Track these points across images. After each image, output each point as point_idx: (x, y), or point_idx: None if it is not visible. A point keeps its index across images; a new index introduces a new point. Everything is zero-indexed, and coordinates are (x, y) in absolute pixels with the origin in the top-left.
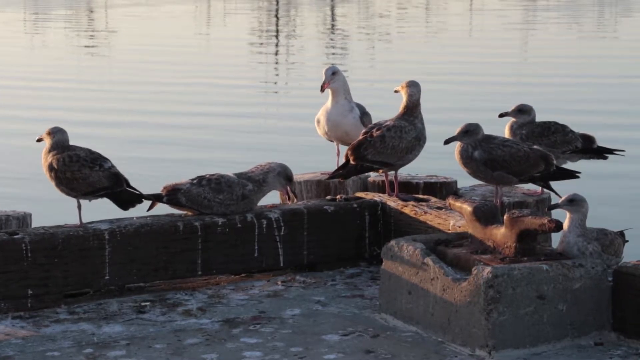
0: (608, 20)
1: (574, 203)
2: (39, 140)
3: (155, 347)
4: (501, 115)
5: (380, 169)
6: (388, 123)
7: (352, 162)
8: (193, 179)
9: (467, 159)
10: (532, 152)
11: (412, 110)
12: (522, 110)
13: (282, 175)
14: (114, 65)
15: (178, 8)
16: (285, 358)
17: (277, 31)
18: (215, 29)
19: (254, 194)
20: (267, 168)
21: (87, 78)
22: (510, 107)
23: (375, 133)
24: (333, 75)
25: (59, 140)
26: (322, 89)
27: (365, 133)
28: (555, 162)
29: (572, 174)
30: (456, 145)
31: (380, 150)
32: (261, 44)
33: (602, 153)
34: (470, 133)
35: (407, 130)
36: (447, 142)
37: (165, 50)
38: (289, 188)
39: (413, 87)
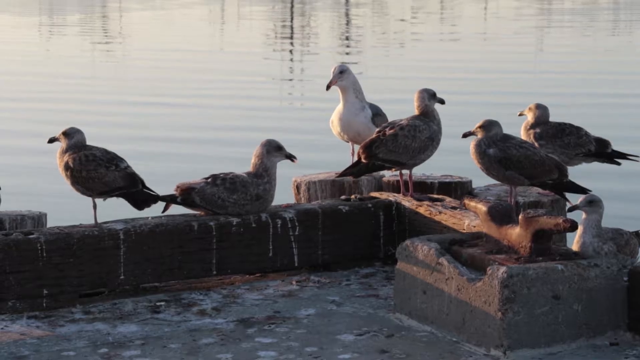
0: (624, 25)
1: (593, 204)
2: (52, 140)
3: (170, 346)
4: (520, 114)
5: (392, 167)
6: (402, 122)
7: (363, 160)
8: (207, 178)
9: (481, 155)
10: (548, 159)
11: (425, 115)
12: (537, 110)
13: (273, 151)
14: (129, 70)
15: (192, 12)
16: (300, 358)
17: (292, 37)
18: (230, 34)
19: (267, 192)
20: (258, 160)
21: (101, 82)
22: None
23: (389, 132)
24: (341, 74)
25: (77, 140)
26: (328, 87)
27: (379, 132)
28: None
29: (583, 190)
30: (472, 141)
31: (392, 149)
32: (274, 50)
33: (615, 157)
34: (487, 128)
35: (421, 130)
36: (465, 135)
37: (179, 58)
38: (285, 155)
39: (419, 94)
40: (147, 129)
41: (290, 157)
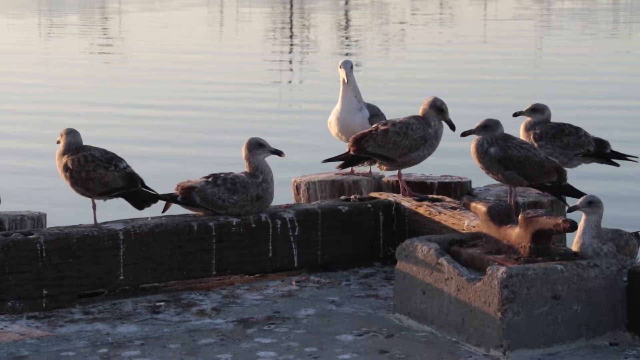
0: (623, 27)
1: (593, 205)
2: (59, 142)
3: (169, 347)
4: (515, 115)
5: (377, 161)
6: (397, 120)
7: (352, 152)
8: (207, 177)
9: (482, 154)
10: (548, 162)
11: (423, 118)
12: (536, 110)
13: (254, 149)
14: (127, 72)
15: (191, 14)
16: (300, 358)
17: (291, 39)
18: (228, 36)
19: (266, 192)
20: (246, 161)
21: (100, 84)
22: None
23: (381, 128)
24: (351, 69)
25: (70, 142)
26: (348, 81)
27: (374, 127)
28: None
29: (581, 195)
30: (473, 140)
31: (381, 144)
32: (274, 52)
33: (614, 158)
34: (488, 128)
35: (414, 128)
36: (464, 134)
37: (178, 60)
38: (270, 151)
39: (426, 99)
40: (145, 130)
41: (276, 152)
